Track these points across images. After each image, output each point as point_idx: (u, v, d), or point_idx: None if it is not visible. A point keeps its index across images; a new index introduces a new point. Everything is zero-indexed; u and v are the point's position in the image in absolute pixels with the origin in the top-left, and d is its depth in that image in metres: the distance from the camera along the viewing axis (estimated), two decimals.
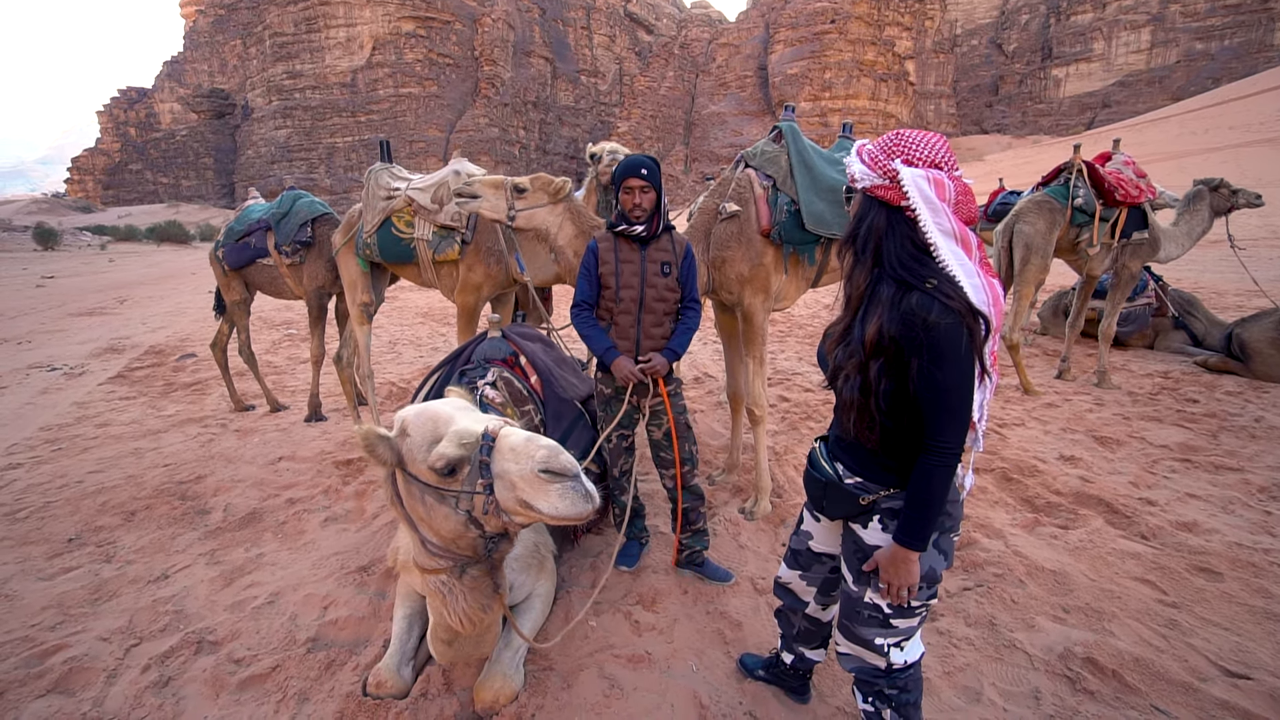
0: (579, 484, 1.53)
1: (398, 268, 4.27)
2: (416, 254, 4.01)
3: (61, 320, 10.57)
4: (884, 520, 1.50)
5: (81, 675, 2.21)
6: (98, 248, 33.48)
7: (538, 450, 1.53)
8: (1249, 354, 5.44)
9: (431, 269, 4.04)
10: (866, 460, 1.51)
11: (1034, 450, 4.05)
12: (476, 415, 1.70)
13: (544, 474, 1.51)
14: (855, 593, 1.56)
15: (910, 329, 1.34)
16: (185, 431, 4.84)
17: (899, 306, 1.36)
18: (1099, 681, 2.07)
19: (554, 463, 1.52)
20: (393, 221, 4.02)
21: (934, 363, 1.32)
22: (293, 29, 66.39)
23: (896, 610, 1.51)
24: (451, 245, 3.91)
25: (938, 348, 1.32)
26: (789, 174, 3.05)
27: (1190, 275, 11.28)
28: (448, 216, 3.88)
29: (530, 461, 1.52)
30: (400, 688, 2.05)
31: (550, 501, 1.51)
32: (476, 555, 1.71)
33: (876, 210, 1.45)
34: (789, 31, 62.74)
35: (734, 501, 3.47)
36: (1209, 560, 2.71)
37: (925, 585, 1.48)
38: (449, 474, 1.60)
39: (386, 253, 4.08)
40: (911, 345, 1.34)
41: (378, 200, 4.08)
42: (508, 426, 1.62)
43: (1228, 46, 61.43)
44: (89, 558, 3.02)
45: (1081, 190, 5.07)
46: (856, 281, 1.50)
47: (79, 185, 78.44)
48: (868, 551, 1.52)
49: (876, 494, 1.50)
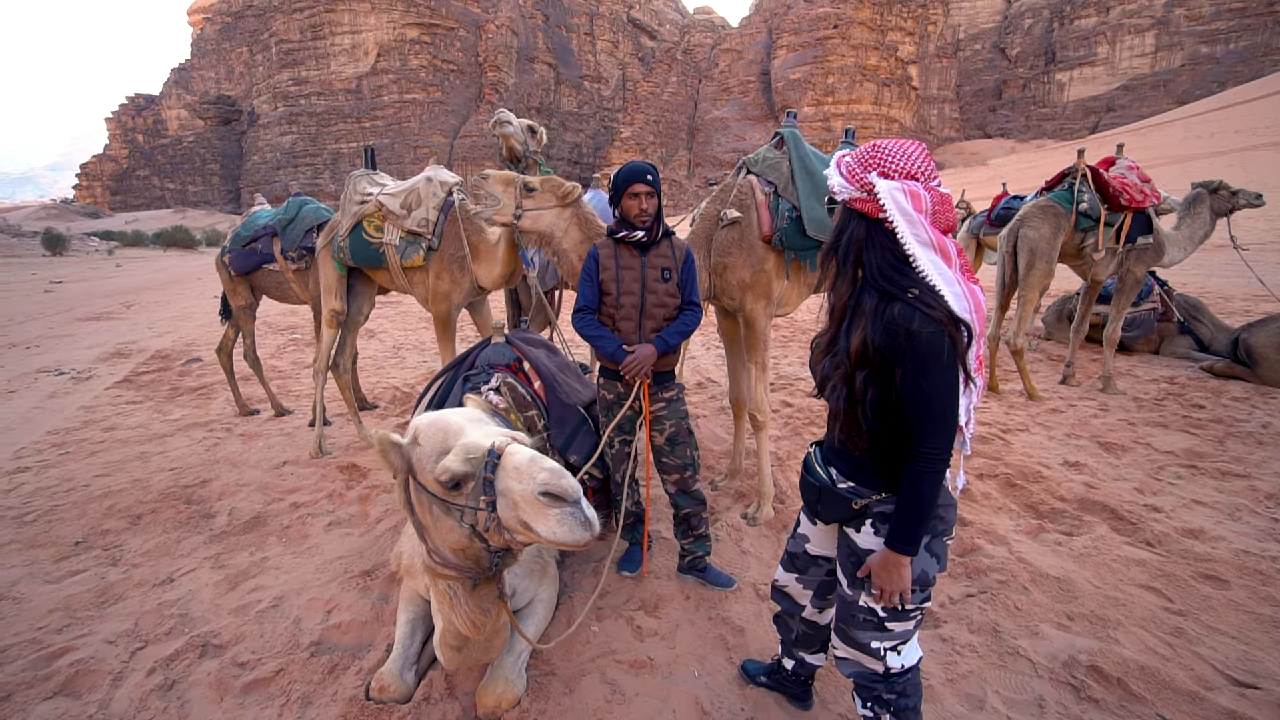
0: (579, 510, 1.50)
1: (372, 271, 4.32)
2: (385, 258, 4.05)
3: (69, 325, 10.66)
4: (876, 524, 1.51)
5: (88, 678, 2.22)
6: (105, 253, 33.77)
7: (540, 472, 1.51)
8: (1255, 359, 5.41)
9: (401, 274, 4.08)
10: (858, 465, 1.53)
11: (1038, 456, 4.03)
12: (488, 429, 1.69)
13: (544, 497, 1.49)
14: (850, 596, 1.57)
15: (894, 338, 1.35)
16: (191, 436, 4.87)
17: (882, 317, 1.38)
18: (1104, 690, 2.06)
19: (554, 486, 1.49)
20: (363, 225, 4.07)
21: (918, 371, 1.34)
22: (298, 36, 67.01)
23: (891, 613, 1.51)
24: (417, 251, 3.94)
25: (920, 356, 1.34)
26: (790, 180, 3.07)
27: (1196, 280, 11.22)
28: (414, 222, 3.92)
29: (532, 483, 1.50)
30: (403, 692, 2.05)
31: (549, 525, 1.49)
32: (481, 568, 1.71)
33: (856, 222, 1.47)
34: (791, 37, 62.98)
35: (737, 507, 3.47)
36: (1215, 568, 2.69)
37: (918, 589, 1.49)
38: (454, 487, 1.60)
39: (357, 255, 4.13)
40: (895, 354, 1.35)
41: (352, 205, 4.14)
42: (515, 444, 1.59)
43: (1233, 50, 61.31)
44: (95, 561, 3.04)
45: (1086, 195, 5.07)
46: (840, 292, 1.51)
47: (87, 191, 79.24)
48: (861, 555, 1.53)
49: (868, 498, 1.51)
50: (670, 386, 2.64)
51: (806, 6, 63.16)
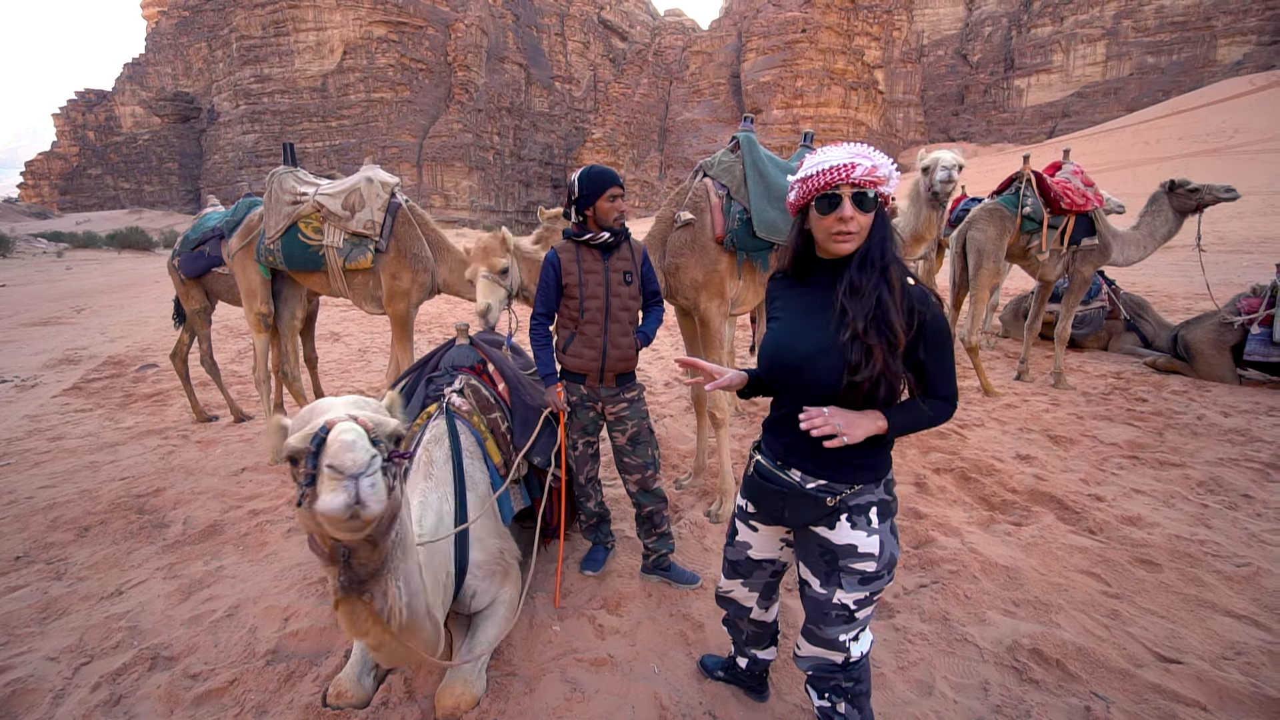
0: (351, 484, 1.36)
1: (303, 275, 4.13)
2: (325, 261, 3.92)
3: (13, 330, 10.18)
4: (853, 518, 1.51)
5: (26, 697, 2.14)
6: (54, 255, 32.22)
7: (334, 443, 1.39)
8: (1192, 354, 5.70)
9: (341, 277, 3.95)
10: (829, 462, 1.51)
11: (992, 450, 4.19)
12: (359, 413, 1.54)
13: (329, 469, 1.38)
14: (823, 595, 1.55)
15: (914, 315, 1.46)
16: (144, 444, 4.71)
17: (906, 297, 1.46)
18: (1043, 671, 2.16)
19: (334, 458, 1.37)
20: (299, 227, 3.90)
21: (942, 342, 1.50)
22: (260, 32, 65.13)
23: (859, 603, 1.53)
24: (364, 253, 3.86)
25: (940, 332, 1.49)
26: (743, 183, 3.14)
27: (1144, 279, 11.75)
28: (360, 224, 3.83)
29: (326, 456, 1.40)
30: (361, 697, 2.03)
31: (323, 499, 1.37)
32: (331, 556, 1.54)
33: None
34: (761, 40, 63.81)
35: (700, 505, 3.52)
36: (1150, 552, 2.84)
37: (886, 572, 1.54)
38: (296, 465, 1.49)
39: (292, 260, 3.96)
40: (923, 329, 1.47)
41: (282, 205, 3.95)
42: (351, 423, 1.44)
43: (1176, 61, 64.26)
44: (37, 575, 2.92)
45: (1030, 199, 5.28)
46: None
47: (34, 190, 75.56)
48: (837, 552, 1.52)
49: (842, 493, 1.51)
50: (632, 387, 2.67)
51: (775, 10, 64.06)
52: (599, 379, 2.60)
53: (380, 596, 1.60)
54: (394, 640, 1.67)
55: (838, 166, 1.42)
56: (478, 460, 2.55)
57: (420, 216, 4.13)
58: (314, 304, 5.24)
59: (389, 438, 1.53)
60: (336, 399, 1.60)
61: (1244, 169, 32.03)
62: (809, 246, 1.59)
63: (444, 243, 4.18)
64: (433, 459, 2.38)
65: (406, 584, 1.68)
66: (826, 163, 1.44)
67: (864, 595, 1.53)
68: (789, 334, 1.58)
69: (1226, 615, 2.41)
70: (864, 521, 1.51)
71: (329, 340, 8.77)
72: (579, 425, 2.68)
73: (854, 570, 1.52)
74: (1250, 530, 3.03)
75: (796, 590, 2.57)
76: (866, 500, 1.52)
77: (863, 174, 1.42)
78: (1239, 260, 13.51)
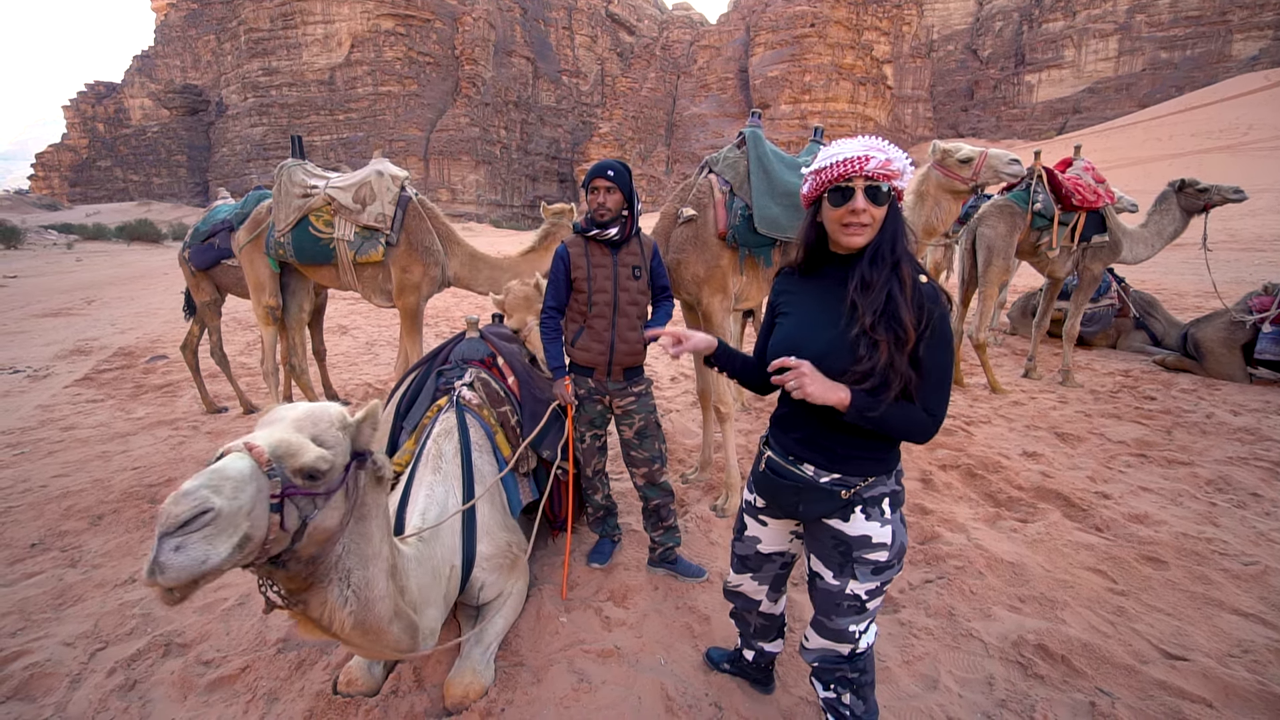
0: (157, 545, 1.19)
1: (312, 269, 4.13)
2: (336, 255, 3.92)
3: (25, 322, 10.28)
4: (867, 510, 1.51)
5: (43, 681, 2.18)
6: (64, 247, 32.50)
7: (182, 487, 1.24)
8: (1202, 353, 5.66)
9: (352, 271, 3.95)
10: (843, 456, 1.51)
11: (998, 447, 4.18)
12: (286, 435, 1.43)
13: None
14: (836, 587, 1.56)
15: (924, 312, 1.44)
16: (155, 434, 4.76)
17: (916, 293, 1.45)
18: (1049, 666, 2.17)
19: (163, 507, 1.21)
20: (310, 220, 3.90)
21: (944, 342, 1.48)
22: (269, 25, 65.21)
23: (871, 593, 1.55)
24: (375, 247, 3.85)
25: (943, 331, 1.47)
26: (746, 178, 3.14)
27: (1153, 277, 11.66)
28: (371, 217, 3.83)
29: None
30: (371, 685, 2.06)
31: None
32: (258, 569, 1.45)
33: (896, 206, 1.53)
34: (769, 34, 63.39)
35: (706, 499, 3.53)
36: (1157, 550, 2.83)
37: (896, 561, 1.54)
38: None
39: (302, 253, 3.95)
40: (928, 327, 1.45)
41: (292, 198, 3.93)
42: (237, 455, 1.33)
43: (1189, 56, 63.42)
44: (53, 563, 2.97)
45: (1040, 195, 5.24)
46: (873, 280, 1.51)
47: (44, 182, 76.13)
48: (851, 543, 1.52)
49: (856, 486, 1.51)
50: (640, 381, 2.68)
51: (784, 5, 63.61)
52: (607, 373, 2.61)
53: (318, 605, 1.55)
54: (347, 642, 1.66)
55: (852, 159, 1.42)
56: (487, 454, 2.56)
57: (430, 210, 4.15)
58: (322, 297, 5.27)
59: (297, 472, 1.39)
60: (292, 409, 1.53)
61: (1258, 166, 31.68)
62: (822, 240, 1.59)
63: (454, 236, 4.20)
64: (442, 452, 2.40)
65: (361, 591, 1.62)
66: (840, 155, 1.44)
67: (875, 585, 1.54)
68: (801, 331, 1.57)
69: (1233, 613, 2.41)
70: (877, 513, 1.52)
71: (337, 333, 8.82)
72: (587, 418, 2.70)
73: (868, 561, 1.53)
74: (1258, 529, 3.02)
75: (801, 584, 2.59)
76: (880, 492, 1.53)
77: (876, 167, 1.41)
78: (1251, 258, 13.38)
